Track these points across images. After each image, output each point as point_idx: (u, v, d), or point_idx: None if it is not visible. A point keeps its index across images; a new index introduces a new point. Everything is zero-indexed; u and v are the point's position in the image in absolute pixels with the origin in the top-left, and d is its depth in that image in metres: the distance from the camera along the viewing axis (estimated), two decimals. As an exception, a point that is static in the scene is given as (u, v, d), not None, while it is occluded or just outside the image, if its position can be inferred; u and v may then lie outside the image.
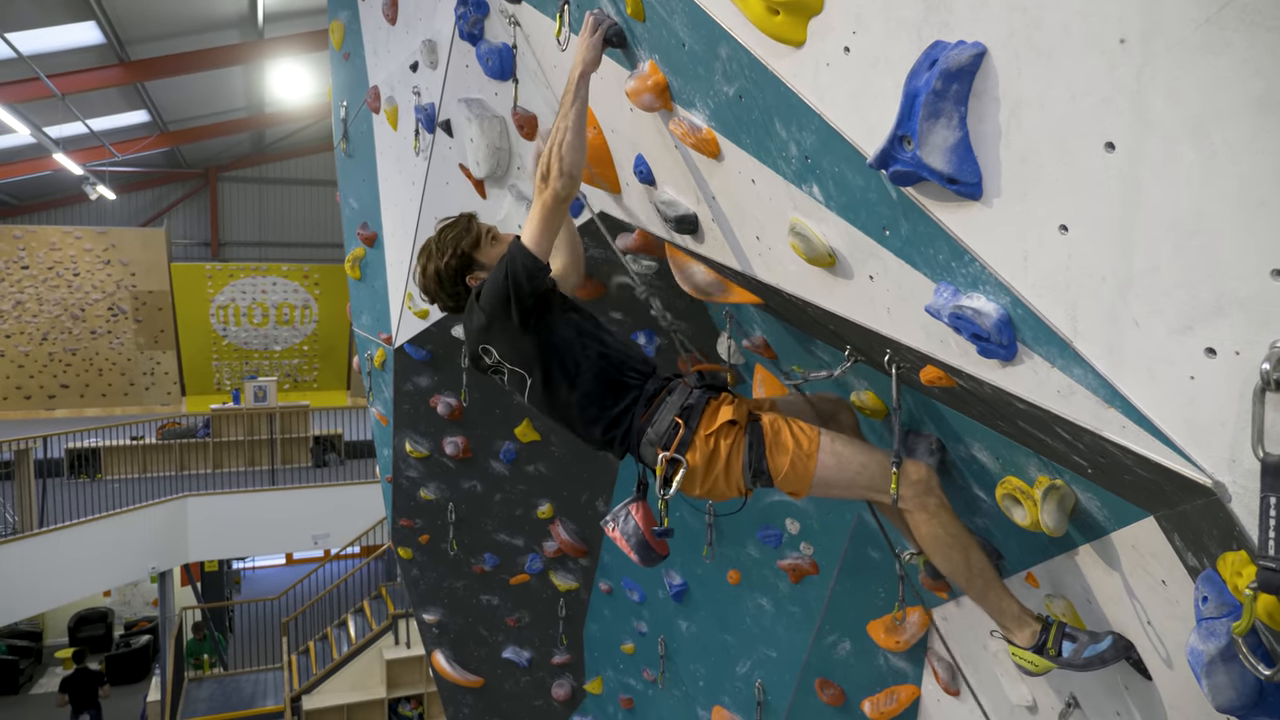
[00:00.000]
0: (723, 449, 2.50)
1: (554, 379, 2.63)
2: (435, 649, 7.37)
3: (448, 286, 2.77)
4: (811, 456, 2.46)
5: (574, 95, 2.44)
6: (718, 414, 2.53)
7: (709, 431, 2.51)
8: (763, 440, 2.50)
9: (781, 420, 2.54)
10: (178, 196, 23.31)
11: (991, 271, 1.60)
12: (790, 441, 2.48)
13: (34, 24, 11.70)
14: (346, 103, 5.93)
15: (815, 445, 2.48)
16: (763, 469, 2.50)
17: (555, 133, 2.44)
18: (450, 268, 2.74)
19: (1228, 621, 1.53)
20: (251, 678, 14.78)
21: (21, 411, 19.91)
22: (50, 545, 12.17)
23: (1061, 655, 2.28)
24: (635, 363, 2.65)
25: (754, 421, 2.55)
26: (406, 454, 6.18)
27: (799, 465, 2.47)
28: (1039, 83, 1.39)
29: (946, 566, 2.45)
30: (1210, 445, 1.38)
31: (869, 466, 2.46)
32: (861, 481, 2.47)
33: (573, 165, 2.42)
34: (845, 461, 2.47)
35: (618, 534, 2.74)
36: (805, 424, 2.55)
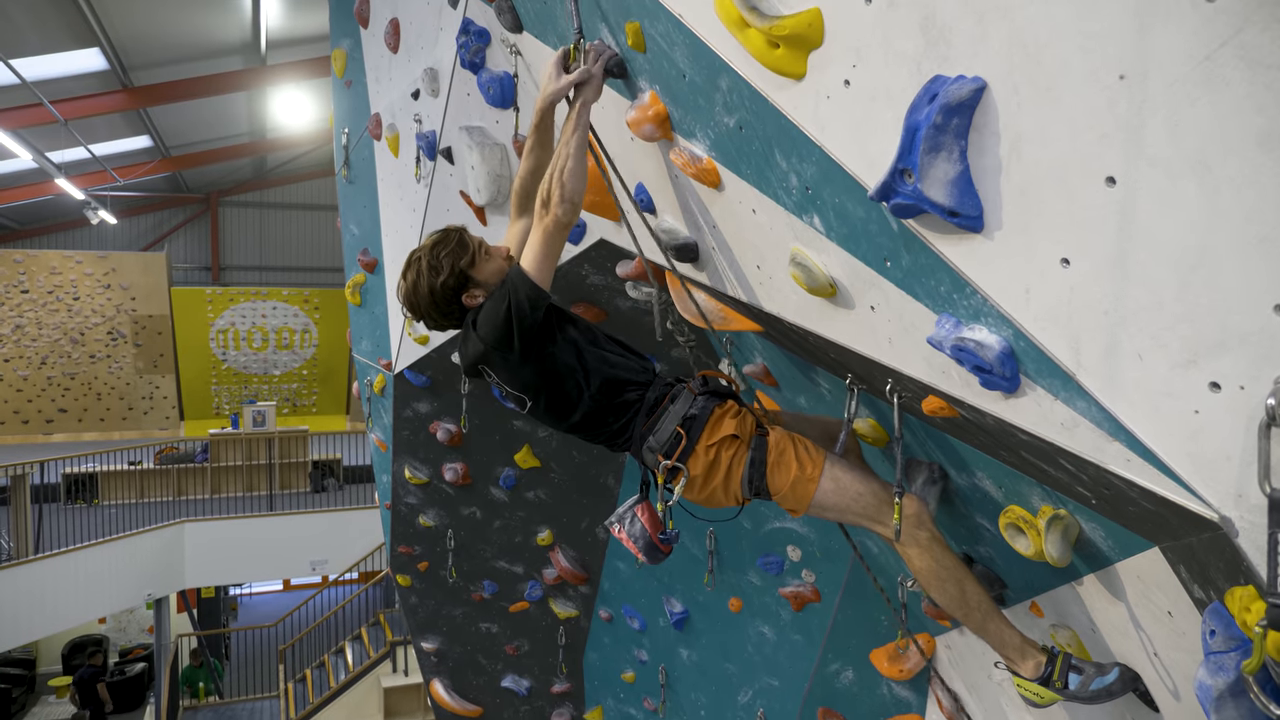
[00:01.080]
0: (723, 460, 2.53)
1: (555, 403, 2.63)
2: (434, 677, 7.31)
3: (442, 306, 2.66)
4: (813, 480, 2.48)
5: (575, 124, 2.45)
6: (720, 425, 2.54)
7: (711, 442, 2.52)
8: (766, 457, 2.51)
9: (788, 440, 2.54)
10: (179, 221, 23.39)
11: (993, 304, 1.60)
12: (794, 463, 2.49)
13: (39, 50, 11.79)
14: (348, 129, 5.96)
15: (818, 470, 2.48)
16: (763, 486, 2.52)
17: (556, 159, 2.45)
18: (447, 287, 2.63)
19: (1236, 656, 1.52)
20: (247, 706, 14.64)
21: (19, 436, 19.84)
22: (45, 572, 12.09)
23: (1068, 688, 2.27)
24: (635, 375, 2.65)
25: (760, 435, 2.56)
26: (406, 480, 6.16)
27: (799, 487, 2.48)
28: (1039, 117, 1.40)
29: (942, 599, 2.45)
30: (1216, 480, 1.37)
31: (865, 496, 2.48)
32: (857, 509, 2.49)
33: (574, 192, 2.42)
34: (844, 488, 2.49)
35: (624, 535, 2.74)
36: (812, 445, 2.55)
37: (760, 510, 4.30)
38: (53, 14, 10.98)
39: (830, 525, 3.86)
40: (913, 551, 2.42)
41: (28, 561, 12.00)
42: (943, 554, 2.42)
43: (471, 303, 2.66)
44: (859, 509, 2.48)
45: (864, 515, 2.49)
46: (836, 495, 2.48)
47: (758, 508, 4.32)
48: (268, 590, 23.07)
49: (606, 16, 2.52)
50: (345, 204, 6.38)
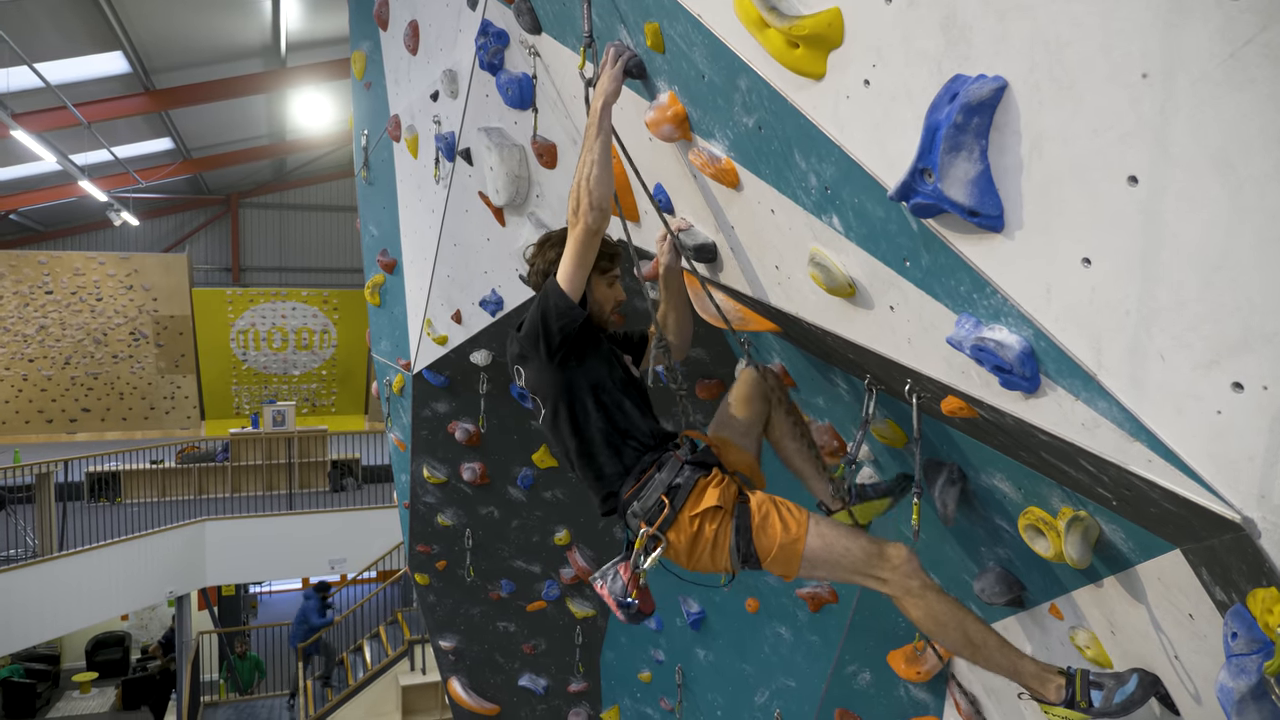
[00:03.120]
0: (708, 532, 2.52)
1: (562, 420, 2.65)
2: (451, 676, 7.34)
3: (532, 279, 2.87)
4: (799, 541, 2.46)
5: (598, 127, 2.46)
6: (704, 496, 2.53)
7: (694, 513, 2.52)
8: (750, 523, 2.49)
9: (770, 503, 2.53)
10: (200, 222, 23.60)
11: (1014, 304, 1.60)
12: (778, 526, 2.47)
13: (62, 54, 11.93)
14: (368, 131, 6.00)
15: (803, 530, 2.46)
16: (751, 553, 2.50)
17: (582, 166, 2.46)
18: (538, 270, 2.82)
19: (1258, 659, 1.51)
20: (267, 703, 14.75)
21: (43, 435, 20.08)
22: (69, 569, 12.22)
23: (1093, 706, 2.26)
24: (640, 434, 2.65)
25: (743, 502, 2.54)
26: (424, 479, 6.19)
27: (786, 550, 2.46)
28: (1061, 116, 1.39)
29: (947, 644, 2.43)
30: (1238, 480, 1.36)
31: (853, 551, 2.46)
32: (846, 564, 2.47)
33: (602, 198, 2.43)
34: (831, 545, 2.47)
35: (606, 593, 2.72)
36: (794, 505, 2.53)
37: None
38: (76, 18, 11.11)
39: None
40: (908, 601, 2.41)
41: (52, 559, 12.15)
42: (937, 600, 2.40)
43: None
44: (848, 564, 2.47)
45: (854, 571, 2.47)
46: (825, 552, 2.47)
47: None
48: (287, 589, 23.23)
49: (625, 17, 2.53)
50: (364, 205, 6.42)
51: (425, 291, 5.38)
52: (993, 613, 3.03)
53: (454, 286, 5.06)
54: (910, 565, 2.41)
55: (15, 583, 11.63)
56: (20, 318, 19.83)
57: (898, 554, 2.43)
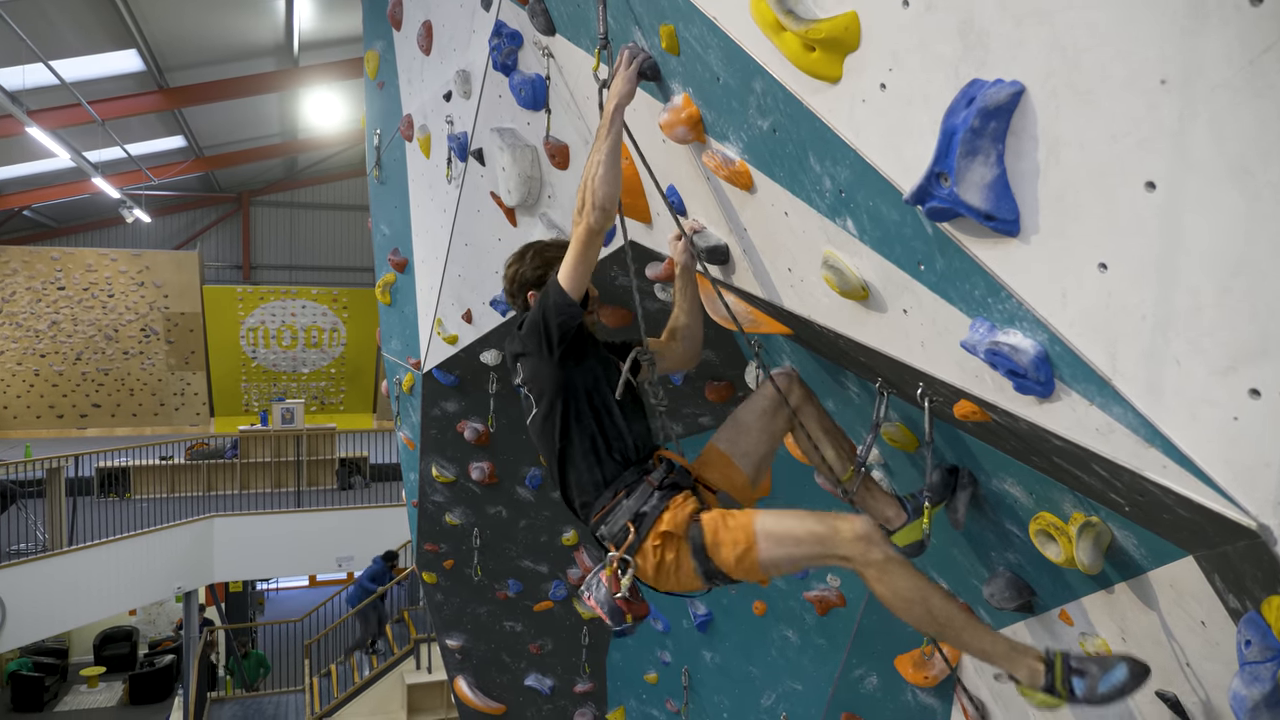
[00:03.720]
0: (667, 558, 2.51)
1: (554, 418, 2.66)
2: (457, 675, 7.35)
3: (513, 290, 2.93)
4: (751, 549, 2.41)
5: (608, 128, 2.47)
6: (661, 522, 2.52)
7: (655, 542, 2.51)
8: (704, 543, 2.47)
9: (719, 518, 2.49)
10: (211, 220, 23.68)
11: (1029, 308, 1.60)
12: (728, 537, 2.44)
13: (77, 52, 11.99)
14: (380, 131, 6.02)
15: (751, 537, 2.42)
16: (714, 570, 2.47)
17: (589, 165, 2.47)
18: (524, 277, 2.90)
19: (1272, 666, 1.51)
20: (273, 700, 14.79)
21: (54, 430, 20.21)
22: (78, 564, 12.29)
23: (1075, 694, 2.15)
24: (625, 446, 2.65)
25: (696, 522, 2.51)
26: (433, 478, 6.20)
27: (744, 561, 2.43)
28: (1078, 122, 1.39)
29: (911, 620, 2.33)
30: (1254, 487, 1.36)
31: (806, 540, 2.38)
32: (805, 554, 2.41)
33: (605, 198, 2.45)
34: (783, 540, 2.41)
35: (593, 601, 2.68)
36: (739, 514, 2.49)
37: (786, 513, 4.29)
38: (92, 16, 11.17)
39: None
40: (870, 574, 2.31)
41: (61, 553, 12.22)
42: (900, 573, 2.30)
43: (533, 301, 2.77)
44: (807, 552, 2.40)
45: (815, 556, 2.41)
46: (780, 548, 2.41)
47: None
48: (294, 586, 23.31)
49: (640, 19, 2.53)
50: (376, 204, 6.44)
51: (436, 291, 5.39)
52: (1002, 618, 3.02)
53: (465, 286, 5.08)
54: (868, 538, 2.31)
55: (25, 577, 11.70)
56: (32, 313, 19.96)
57: (851, 528, 2.33)
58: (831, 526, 2.35)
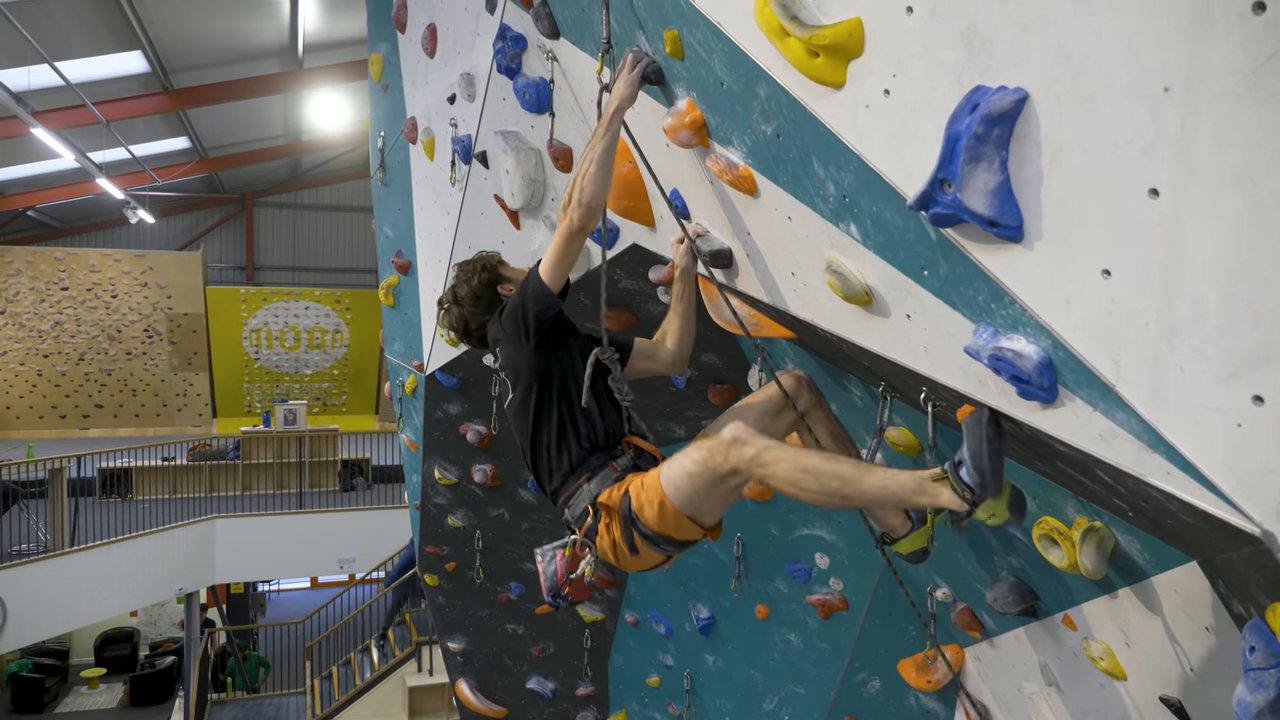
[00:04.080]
0: (614, 533, 2.52)
1: (529, 404, 2.72)
2: (459, 678, 7.35)
3: (485, 299, 2.94)
4: (664, 500, 2.39)
5: (606, 129, 2.49)
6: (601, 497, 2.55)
7: (605, 521, 2.54)
8: (631, 511, 2.47)
9: (638, 482, 2.49)
10: (215, 221, 23.74)
11: (1032, 314, 1.60)
12: (646, 497, 2.44)
13: (82, 53, 12.03)
14: (384, 133, 6.03)
15: (658, 486, 2.41)
16: (648, 532, 2.46)
17: (581, 163, 2.50)
18: (483, 281, 2.94)
19: (1276, 673, 1.50)
20: (274, 702, 14.80)
21: (56, 430, 20.24)
22: (80, 564, 12.30)
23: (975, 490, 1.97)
24: (595, 433, 2.67)
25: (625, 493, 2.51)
26: (435, 481, 6.21)
27: (663, 512, 2.40)
28: (1081, 129, 1.40)
29: (813, 500, 2.24)
30: (1259, 494, 1.36)
31: (696, 462, 2.32)
32: (704, 481, 2.33)
33: (593, 197, 2.48)
34: (682, 478, 2.36)
35: (541, 568, 2.73)
36: (650, 473, 2.48)
37: (788, 516, 4.29)
38: (97, 17, 11.21)
39: (859, 533, 3.84)
40: (762, 474, 2.24)
41: (63, 554, 12.23)
42: (778, 458, 2.20)
43: (505, 293, 2.92)
44: (704, 480, 2.32)
45: (714, 481, 2.32)
46: (684, 488, 2.36)
47: (784, 514, 4.32)
48: (295, 588, 23.32)
49: (644, 24, 2.54)
50: (380, 206, 6.45)
51: (439, 293, 5.40)
52: (1005, 622, 3.03)
53: (468, 289, 5.08)
54: (737, 440, 2.24)
55: (26, 577, 11.72)
56: (36, 313, 20.00)
57: (720, 440, 2.27)
58: (707, 448, 2.30)
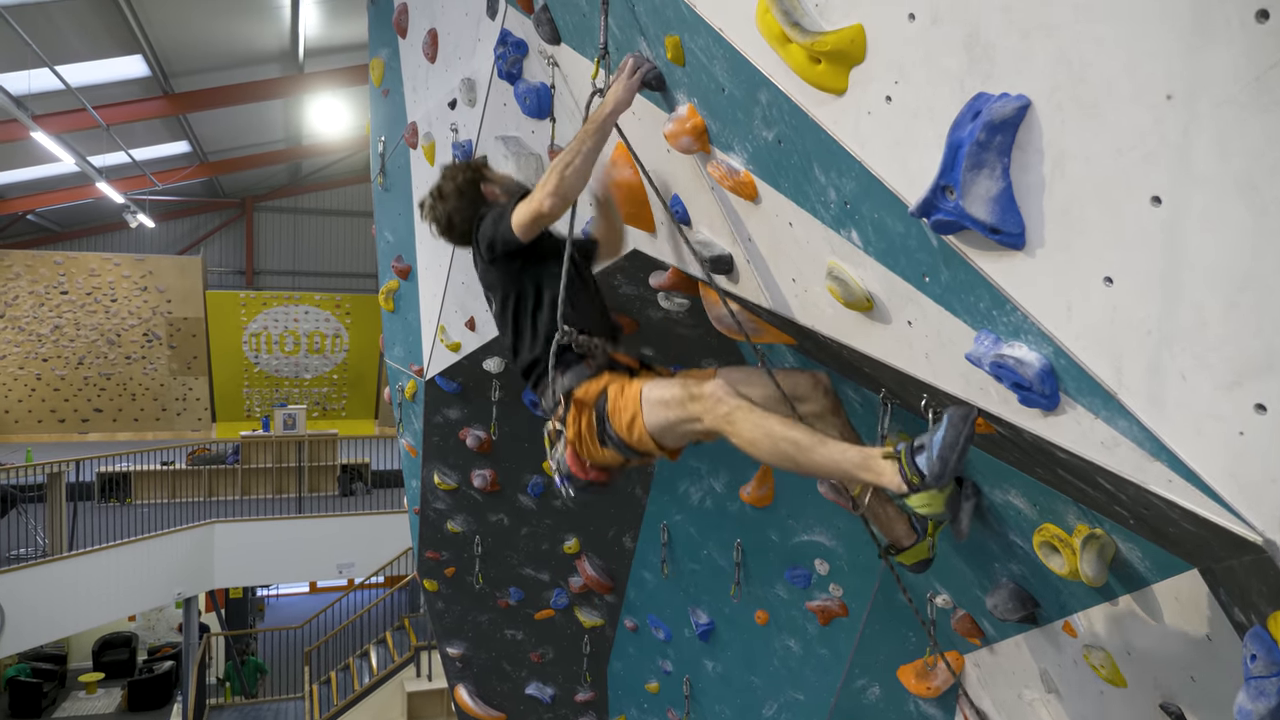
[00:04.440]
0: (582, 425, 2.66)
1: (506, 312, 2.91)
2: (458, 683, 7.34)
3: (469, 195, 3.07)
4: (637, 414, 2.49)
5: (598, 128, 2.52)
6: (576, 391, 2.70)
7: (575, 411, 2.69)
8: (606, 411, 2.59)
9: (620, 387, 2.59)
10: (215, 225, 23.74)
11: (1034, 321, 1.60)
12: (621, 404, 2.54)
13: (83, 57, 12.04)
14: (385, 138, 6.03)
15: (638, 400, 2.50)
16: (611, 435, 2.56)
17: (567, 153, 2.53)
18: (467, 179, 3.08)
19: (1277, 681, 1.50)
20: (273, 707, 14.78)
21: (55, 434, 20.22)
22: (79, 569, 12.28)
23: (926, 477, 1.97)
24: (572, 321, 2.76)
25: (603, 393, 2.63)
26: (435, 486, 6.20)
27: (633, 425, 2.49)
28: (1083, 136, 1.40)
29: (765, 457, 2.28)
30: (1260, 502, 1.36)
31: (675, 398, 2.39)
32: (676, 415, 2.39)
33: (570, 190, 2.54)
34: (658, 403, 2.45)
35: (553, 462, 2.88)
36: (630, 384, 2.57)
37: (788, 523, 4.29)
38: (98, 21, 11.21)
39: (859, 539, 3.84)
40: (726, 432, 2.29)
41: (62, 558, 12.20)
42: (745, 418, 2.25)
43: (489, 193, 3.07)
44: (676, 415, 2.39)
45: (682, 420, 2.38)
46: (657, 412, 2.44)
47: (784, 520, 4.31)
48: (294, 592, 23.27)
49: (645, 30, 2.54)
50: (380, 211, 6.45)
51: (439, 298, 5.40)
52: (1005, 629, 3.02)
53: (468, 293, 5.08)
54: (717, 394, 2.31)
55: (24, 582, 11.69)
56: (35, 317, 19.99)
57: (701, 391, 2.34)
58: (689, 392, 2.37)
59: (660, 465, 5.21)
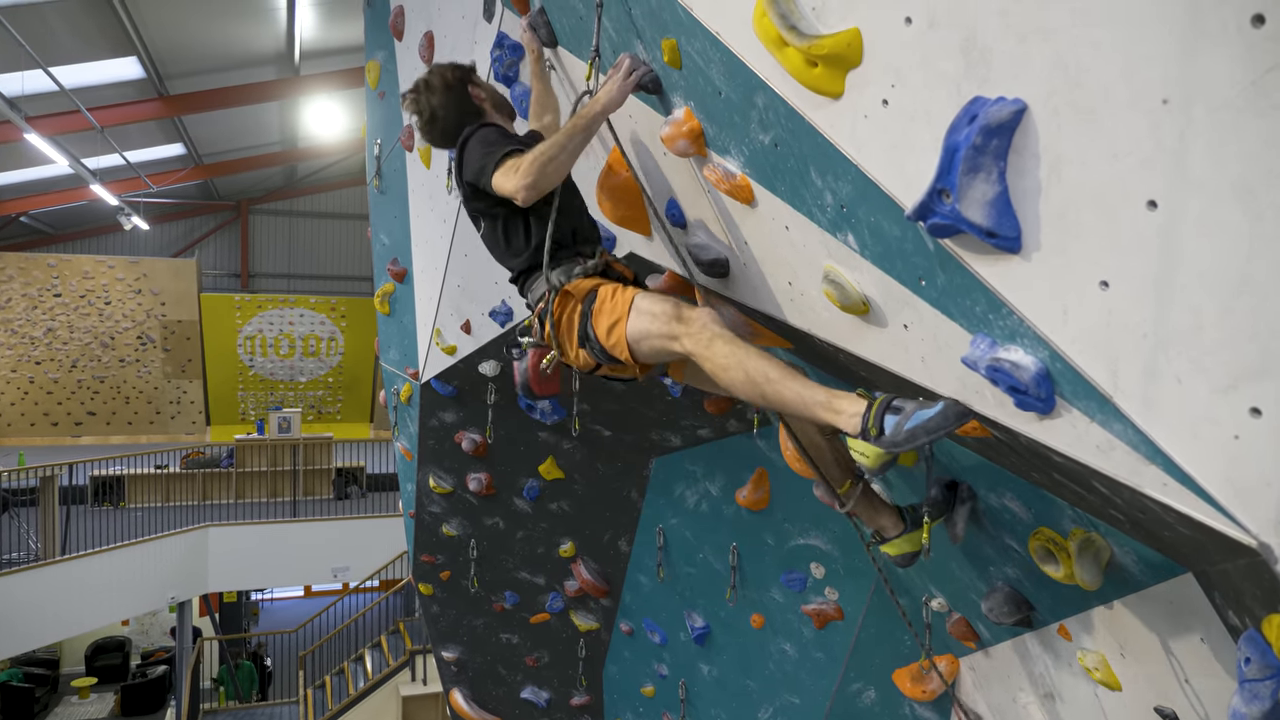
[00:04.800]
0: (565, 318, 2.68)
1: (498, 231, 2.90)
2: (453, 687, 7.33)
3: (455, 92, 3.03)
4: (621, 320, 2.50)
5: (585, 125, 2.51)
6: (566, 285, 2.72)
7: (558, 302, 2.71)
8: (592, 308, 2.60)
9: (613, 289, 2.60)
10: (210, 228, 23.71)
11: (1030, 325, 1.60)
12: (610, 306, 2.55)
13: (77, 59, 12.02)
14: (381, 140, 6.03)
15: (627, 307, 2.52)
16: (589, 334, 2.58)
17: (549, 145, 2.51)
18: (456, 76, 3.04)
19: (1272, 684, 1.50)
20: (267, 711, 14.73)
21: (48, 438, 20.15)
22: (72, 573, 12.24)
23: (883, 434, 1.98)
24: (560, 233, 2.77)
25: (594, 290, 2.65)
26: (430, 489, 6.19)
27: (614, 331, 2.51)
28: (1080, 140, 1.40)
29: (733, 388, 2.32)
30: (1256, 506, 1.36)
31: (665, 313, 2.42)
32: (659, 330, 2.42)
33: (545, 184, 2.53)
34: (646, 314, 2.47)
35: (516, 365, 3.02)
36: (629, 289, 2.60)
37: (784, 526, 4.29)
38: (92, 23, 11.20)
39: (854, 543, 3.84)
40: (701, 358, 2.34)
41: (54, 562, 12.16)
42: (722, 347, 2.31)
43: (476, 96, 3.03)
44: (659, 330, 2.42)
45: (664, 336, 2.42)
46: (642, 322, 2.46)
47: (780, 524, 4.31)
48: (289, 596, 23.22)
49: (642, 33, 2.54)
50: (376, 214, 6.45)
51: (435, 301, 5.40)
52: (1000, 632, 3.02)
53: (464, 297, 5.08)
54: (704, 319, 2.35)
55: (17, 586, 11.65)
56: (28, 320, 19.94)
57: (690, 314, 2.39)
58: (679, 312, 2.41)
59: (657, 469, 5.21)
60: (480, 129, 2.85)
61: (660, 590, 5.53)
